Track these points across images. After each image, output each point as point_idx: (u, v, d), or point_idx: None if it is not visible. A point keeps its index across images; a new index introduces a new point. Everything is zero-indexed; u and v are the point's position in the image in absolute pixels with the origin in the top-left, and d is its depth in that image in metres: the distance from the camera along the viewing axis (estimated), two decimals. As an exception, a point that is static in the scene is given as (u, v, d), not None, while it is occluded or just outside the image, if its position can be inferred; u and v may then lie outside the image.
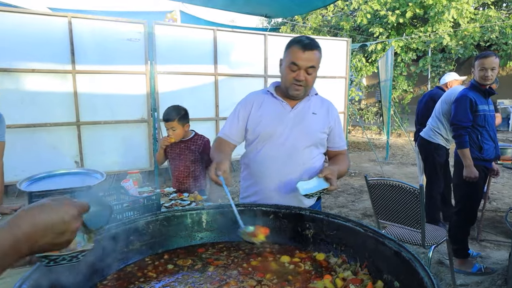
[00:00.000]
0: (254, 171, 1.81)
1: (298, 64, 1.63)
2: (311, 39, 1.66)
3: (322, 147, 1.82)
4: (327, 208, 4.70)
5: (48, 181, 2.15)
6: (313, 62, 1.64)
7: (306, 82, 1.68)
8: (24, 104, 4.22)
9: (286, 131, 1.73)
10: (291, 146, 1.72)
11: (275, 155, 1.73)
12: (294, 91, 1.70)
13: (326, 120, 1.80)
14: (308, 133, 1.74)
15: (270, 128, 1.74)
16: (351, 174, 6.78)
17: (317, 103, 1.83)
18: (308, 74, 1.66)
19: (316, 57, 1.66)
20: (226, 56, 5.50)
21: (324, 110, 1.82)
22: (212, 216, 1.53)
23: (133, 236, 1.36)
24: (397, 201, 2.40)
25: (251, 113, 1.78)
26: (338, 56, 6.59)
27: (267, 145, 1.75)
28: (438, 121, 3.68)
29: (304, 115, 1.76)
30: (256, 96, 1.84)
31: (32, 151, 4.30)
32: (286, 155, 1.72)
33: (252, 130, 1.77)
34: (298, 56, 1.62)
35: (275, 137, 1.73)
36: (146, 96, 4.92)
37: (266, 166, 1.75)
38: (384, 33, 11.01)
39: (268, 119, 1.75)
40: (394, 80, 10.92)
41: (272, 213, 1.52)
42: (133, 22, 4.75)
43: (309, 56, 1.62)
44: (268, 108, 1.77)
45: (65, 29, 4.30)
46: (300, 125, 1.74)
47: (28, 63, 4.18)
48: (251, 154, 1.83)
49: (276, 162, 1.73)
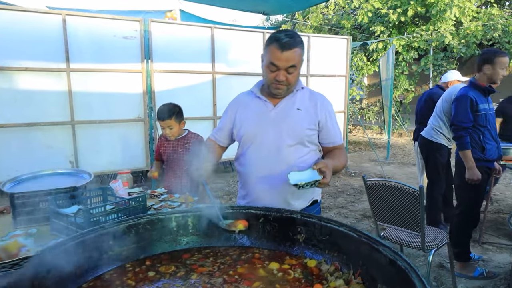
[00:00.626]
0: (241, 174, 1.75)
1: (277, 65, 1.52)
2: (291, 35, 1.53)
3: (311, 145, 1.71)
4: (326, 209, 4.62)
5: (33, 182, 2.07)
6: (293, 61, 1.52)
7: (287, 82, 1.58)
8: (17, 103, 4.15)
9: (267, 131, 1.65)
10: (274, 146, 1.64)
11: (258, 157, 1.66)
12: (275, 90, 1.61)
13: (313, 115, 1.68)
14: (292, 131, 1.64)
15: (252, 130, 1.67)
16: (351, 174, 6.69)
17: (304, 98, 1.71)
18: (289, 74, 1.56)
19: (297, 55, 1.53)
20: (224, 54, 5.42)
21: (311, 105, 1.69)
22: (198, 219, 1.45)
23: (112, 241, 1.28)
24: (396, 203, 2.32)
25: (236, 115, 1.72)
26: (338, 54, 6.50)
27: (251, 146, 1.68)
28: (440, 120, 3.59)
29: (287, 112, 1.66)
30: (242, 97, 1.78)
31: (26, 150, 4.23)
32: (270, 156, 1.64)
33: (237, 133, 1.72)
34: (276, 56, 1.51)
35: (257, 138, 1.66)
36: (142, 94, 4.85)
37: (251, 168, 1.69)
38: (386, 32, 10.92)
39: (249, 120, 1.69)
40: (395, 79, 10.82)
41: (262, 216, 1.44)
42: (128, 19, 4.68)
43: (288, 56, 1.50)
44: (250, 109, 1.70)
45: (59, 27, 4.23)
46: (283, 123, 1.64)
47: (22, 62, 4.11)
48: (239, 157, 1.77)
49: (260, 164, 1.66)
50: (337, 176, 6.49)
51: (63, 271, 1.08)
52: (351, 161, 7.87)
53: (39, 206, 1.80)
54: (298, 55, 1.54)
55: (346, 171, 6.91)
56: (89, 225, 1.53)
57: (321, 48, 6.28)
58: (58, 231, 1.67)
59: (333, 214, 4.41)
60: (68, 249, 1.13)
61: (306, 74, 6.18)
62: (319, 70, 6.33)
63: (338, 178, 6.35)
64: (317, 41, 6.24)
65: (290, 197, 1.73)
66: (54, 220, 1.67)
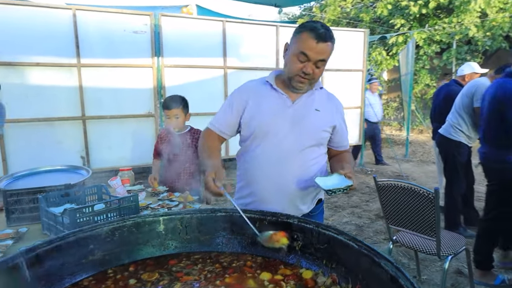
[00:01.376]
0: (248, 172, 1.61)
1: (309, 56, 1.42)
2: (327, 28, 1.44)
3: (323, 147, 1.63)
4: (339, 208, 4.46)
5: (30, 179, 2.03)
6: (325, 55, 1.44)
7: (313, 76, 1.47)
8: (28, 99, 4.17)
9: (284, 129, 1.52)
10: (289, 147, 1.52)
11: (270, 156, 1.53)
12: (298, 83, 1.49)
13: (331, 118, 1.60)
14: (310, 132, 1.54)
15: (266, 125, 1.53)
16: (367, 172, 6.49)
17: (322, 98, 1.62)
18: (317, 68, 1.46)
19: (329, 49, 1.45)
20: (236, 48, 5.31)
21: (330, 107, 1.62)
22: (189, 222, 1.35)
23: (94, 245, 1.20)
24: (409, 206, 2.16)
25: (247, 106, 1.56)
26: (354, 48, 6.28)
27: (262, 143, 1.55)
28: (459, 116, 3.37)
29: (306, 111, 1.55)
30: (254, 85, 1.62)
31: (37, 146, 4.26)
32: (283, 156, 1.52)
33: (247, 126, 1.57)
34: (310, 46, 1.40)
35: (271, 136, 1.52)
36: (152, 90, 4.80)
37: (260, 167, 1.56)
38: (406, 25, 10.53)
39: (264, 114, 1.54)
40: (416, 74, 10.45)
41: (257, 220, 1.33)
42: (139, 14, 4.63)
43: (322, 48, 1.41)
44: (265, 102, 1.56)
45: (69, 22, 4.22)
46: (301, 123, 1.53)
47: (32, 57, 4.12)
48: (245, 153, 1.63)
49: (271, 163, 1.53)
50: (352, 174, 6.31)
51: (33, 280, 1.00)
52: (368, 159, 7.64)
53: (32, 204, 1.75)
54: (330, 50, 1.46)
55: (362, 169, 6.70)
56: (74, 226, 1.46)
57: (336, 42, 6.06)
58: (48, 231, 1.61)
59: (346, 214, 4.25)
60: (41, 255, 1.05)
61: (321, 69, 5.99)
62: (335, 64, 6.13)
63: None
64: (332, 34, 6.03)
65: (300, 201, 1.62)
66: (44, 219, 1.61)
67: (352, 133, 6.57)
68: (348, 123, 6.19)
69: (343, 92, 6.34)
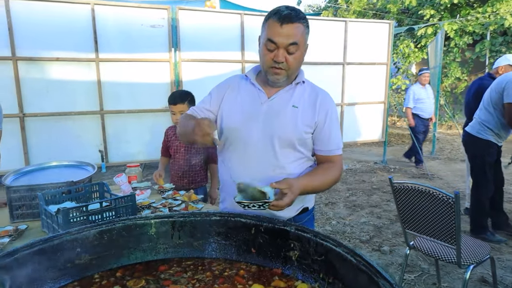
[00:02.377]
0: (221, 174, 1.51)
1: (276, 42, 1.27)
2: (293, 9, 1.29)
3: (305, 150, 1.44)
4: (358, 207, 4.31)
5: (37, 174, 2.03)
6: (294, 38, 1.26)
7: (287, 65, 1.31)
8: (49, 93, 4.25)
9: (253, 127, 1.38)
10: (260, 147, 1.38)
11: (240, 157, 1.41)
12: (273, 76, 1.34)
13: (311, 115, 1.40)
14: (283, 132, 1.37)
15: (236, 124, 1.40)
16: (390, 169, 6.25)
17: (304, 93, 1.44)
18: (289, 54, 1.29)
19: (299, 31, 1.28)
20: (254, 42, 5.14)
21: (310, 102, 1.42)
22: (182, 226, 1.29)
23: (81, 248, 1.15)
24: (427, 210, 2.01)
25: (223, 101, 1.45)
26: (379, 40, 6.03)
27: (233, 143, 1.42)
28: (488, 113, 3.13)
29: (281, 107, 1.39)
30: (233, 80, 1.50)
31: (57, 139, 4.34)
32: (254, 157, 1.38)
33: (219, 124, 1.45)
34: (275, 31, 1.26)
35: (242, 135, 1.39)
36: (170, 84, 4.79)
37: (231, 169, 1.43)
38: (436, 16, 10.04)
39: (235, 111, 1.41)
40: (445, 67, 9.98)
41: (253, 226, 1.25)
42: (156, 7, 4.61)
43: (289, 31, 1.25)
44: (239, 97, 1.43)
45: (88, 17, 4.25)
46: (274, 121, 1.37)
47: (53, 52, 4.18)
48: (219, 153, 1.52)
49: (241, 166, 1.41)
50: (374, 171, 6.10)
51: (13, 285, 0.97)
52: (392, 155, 7.38)
53: (35, 201, 1.74)
54: (301, 32, 1.29)
55: (385, 166, 6.47)
56: (67, 227, 1.42)
57: (360, 34, 5.85)
58: (47, 229, 1.60)
59: (364, 214, 4.09)
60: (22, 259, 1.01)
61: (343, 62, 5.80)
62: (357, 57, 5.92)
63: (375, 173, 5.95)
64: (355, 26, 5.81)
65: None
66: (43, 216, 1.59)
67: (374, 130, 6.34)
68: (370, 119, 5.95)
69: (365, 86, 6.12)
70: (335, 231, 3.60)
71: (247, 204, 1.22)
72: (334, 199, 4.61)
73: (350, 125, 6.09)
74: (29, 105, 4.18)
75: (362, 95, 6.13)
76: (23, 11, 4.00)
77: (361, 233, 3.55)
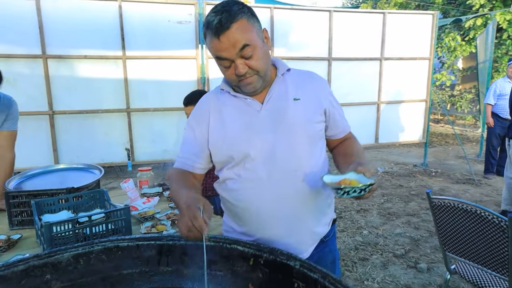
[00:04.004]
0: (237, 210, 1.22)
1: (225, 57, 1.05)
2: (222, 10, 1.02)
3: (320, 140, 1.25)
4: (393, 216, 3.96)
5: (42, 178, 1.94)
6: (241, 41, 1.02)
7: (253, 70, 1.08)
8: (77, 91, 4.27)
9: (265, 140, 1.14)
10: (281, 157, 1.14)
11: (261, 178, 1.15)
12: (247, 87, 1.11)
13: (317, 103, 1.20)
14: (297, 130, 1.15)
15: (242, 145, 1.15)
16: (430, 173, 5.77)
17: (297, 81, 1.22)
18: (248, 59, 1.05)
19: (243, 30, 1.02)
20: (284, 37, 4.96)
21: (311, 89, 1.22)
22: (171, 251, 1.11)
23: (51, 275, 1.01)
24: (473, 232, 1.70)
25: (209, 126, 1.19)
26: (421, 33, 5.56)
27: (246, 166, 1.16)
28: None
29: (282, 106, 1.16)
30: (210, 98, 1.24)
31: (85, 137, 4.37)
32: (276, 170, 1.14)
33: (218, 154, 1.20)
34: (216, 46, 1.04)
35: (255, 153, 1.14)
36: (196, 82, 4.68)
37: (252, 199, 1.17)
38: (487, 5, 9.20)
39: (234, 132, 1.16)
40: (496, 62, 9.15)
41: (252, 256, 1.04)
42: (183, 3, 4.49)
43: (229, 39, 1.01)
44: (228, 115, 1.18)
45: (115, 14, 4.22)
46: (282, 123, 1.14)
47: (81, 50, 4.20)
48: (227, 185, 1.23)
49: (267, 187, 1.15)
50: (413, 175, 5.66)
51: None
52: (433, 157, 6.84)
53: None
54: (246, 29, 1.03)
55: (425, 169, 5.99)
56: (50, 244, 1.29)
57: (399, 27, 5.42)
58: (39, 239, 1.48)
59: (400, 223, 3.75)
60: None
61: (380, 58, 5.40)
62: (396, 52, 5.49)
63: (414, 177, 5.51)
64: (394, 18, 5.39)
65: (315, 222, 1.23)
66: (36, 226, 1.48)
67: (414, 130, 5.89)
68: (410, 118, 5.48)
69: (405, 83, 5.68)
70: (366, 242, 3.30)
71: (347, 190, 0.98)
72: (367, 206, 4.28)
73: (387, 125, 5.68)
74: (58, 103, 4.23)
75: (401, 92, 5.70)
76: (52, 9, 4.02)
77: (395, 246, 3.23)
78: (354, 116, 5.33)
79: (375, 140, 5.65)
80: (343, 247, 3.22)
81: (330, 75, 5.19)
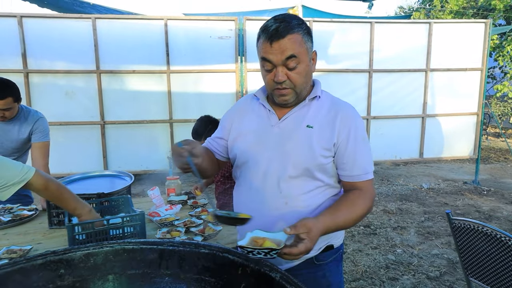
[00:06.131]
0: (234, 205, 1.35)
1: (271, 61, 1.11)
2: (282, 20, 1.10)
3: (325, 177, 1.21)
4: (432, 235, 3.75)
5: (81, 183, 2.16)
6: (290, 51, 1.08)
7: (291, 82, 1.13)
8: (126, 102, 4.63)
9: (266, 155, 1.21)
10: (271, 176, 1.20)
11: (251, 187, 1.24)
12: (280, 97, 1.18)
13: (329, 135, 1.18)
14: (297, 157, 1.18)
15: (247, 151, 1.24)
16: (482, 191, 5.36)
17: (320, 110, 1.22)
18: (290, 70, 1.11)
19: (295, 42, 1.09)
20: (324, 49, 4.97)
21: (328, 120, 1.20)
22: (170, 256, 1.20)
23: (64, 270, 1.14)
24: (497, 259, 1.59)
25: (232, 127, 1.31)
26: (471, 43, 5.26)
27: (244, 173, 1.27)
28: None
29: (294, 129, 1.20)
30: (243, 101, 1.37)
31: (132, 146, 4.71)
32: (264, 187, 1.21)
33: (231, 152, 1.32)
34: (266, 49, 1.10)
35: (253, 163, 1.23)
36: (235, 94, 4.84)
37: (242, 201, 1.29)
38: (555, 10, 8.43)
39: (245, 137, 1.26)
40: None
41: (240, 265, 1.10)
42: (224, 19, 4.70)
43: (281, 46, 1.08)
44: (248, 121, 1.28)
45: (161, 31, 4.53)
46: (286, 145, 1.19)
47: (130, 65, 4.55)
48: (233, 183, 1.41)
49: (253, 197, 1.24)
50: (461, 193, 5.30)
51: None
52: (489, 175, 6.35)
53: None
54: (298, 42, 1.09)
55: (476, 187, 5.57)
56: (73, 243, 1.45)
57: (447, 37, 5.18)
58: (69, 240, 1.65)
59: (439, 244, 3.54)
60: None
61: (425, 69, 5.19)
62: (444, 63, 5.24)
63: (462, 195, 5.16)
64: (441, 28, 5.16)
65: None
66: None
67: (463, 145, 5.54)
68: (458, 133, 5.24)
69: (453, 95, 5.38)
70: (398, 262, 3.17)
71: (250, 250, 1.03)
72: (405, 223, 4.10)
73: (433, 139, 5.41)
74: (109, 114, 4.60)
75: (449, 105, 5.40)
76: (106, 28, 4.43)
77: (430, 268, 3.06)
78: (396, 129, 5.16)
79: (419, 154, 5.39)
80: (373, 264, 3.12)
81: (370, 87, 5.08)
